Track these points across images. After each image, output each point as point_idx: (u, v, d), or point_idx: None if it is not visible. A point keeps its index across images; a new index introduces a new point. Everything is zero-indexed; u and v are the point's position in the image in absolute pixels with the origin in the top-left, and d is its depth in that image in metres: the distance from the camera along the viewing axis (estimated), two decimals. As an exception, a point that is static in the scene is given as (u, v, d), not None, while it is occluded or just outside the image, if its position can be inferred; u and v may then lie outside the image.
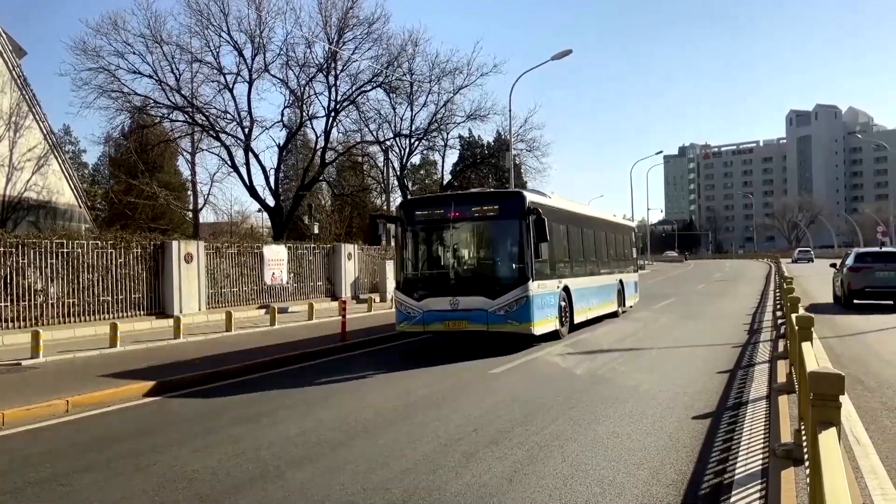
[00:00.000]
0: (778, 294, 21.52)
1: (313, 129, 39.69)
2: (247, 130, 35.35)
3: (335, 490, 5.30)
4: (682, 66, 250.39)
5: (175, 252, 19.41)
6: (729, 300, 25.92)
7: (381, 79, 37.95)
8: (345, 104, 37.85)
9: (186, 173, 44.83)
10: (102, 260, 17.78)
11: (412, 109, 40.40)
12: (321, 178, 41.45)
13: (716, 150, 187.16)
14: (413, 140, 41.70)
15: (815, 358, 5.94)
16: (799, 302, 10.60)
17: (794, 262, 63.54)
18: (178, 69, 34.00)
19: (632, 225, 26.64)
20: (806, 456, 4.45)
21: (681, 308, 22.59)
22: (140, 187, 35.68)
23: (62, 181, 26.10)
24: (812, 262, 63.65)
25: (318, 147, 39.52)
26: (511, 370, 11.07)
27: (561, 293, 14.58)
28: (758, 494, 4.80)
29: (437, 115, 40.53)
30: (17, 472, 6.10)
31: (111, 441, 7.20)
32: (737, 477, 5.24)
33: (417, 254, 14.07)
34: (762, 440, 6.15)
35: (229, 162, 35.98)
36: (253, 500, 5.19)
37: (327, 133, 38.19)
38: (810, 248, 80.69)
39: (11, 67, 23.77)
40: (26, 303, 15.97)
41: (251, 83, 35.18)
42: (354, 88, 37.56)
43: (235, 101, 35.27)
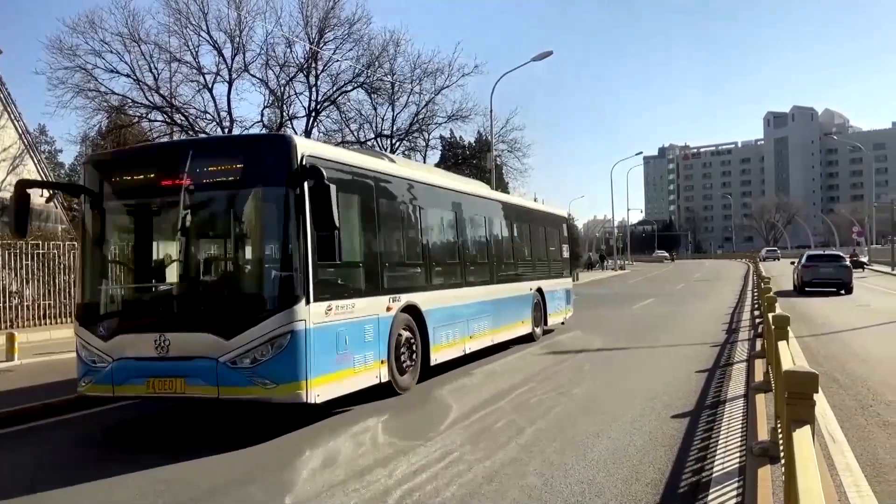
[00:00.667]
0: (756, 293, 21.90)
1: (294, 129, 39.47)
2: (226, 130, 35.07)
3: None
4: (662, 68, 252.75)
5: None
6: (708, 300, 26.23)
7: (362, 79, 37.85)
8: (325, 104, 37.72)
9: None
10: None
11: (393, 110, 40.32)
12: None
13: (695, 150, 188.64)
14: (394, 140, 41.58)
15: (792, 356, 6.02)
16: (776, 302, 10.74)
17: (763, 261, 70.85)
18: (157, 68, 33.65)
19: (560, 214, 19.13)
20: (782, 454, 4.51)
21: (656, 311, 22.67)
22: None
23: (38, 181, 25.73)
24: (778, 260, 74.05)
25: (298, 147, 39.18)
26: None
27: (398, 319, 9.03)
28: (735, 492, 4.86)
29: (419, 116, 40.50)
30: None
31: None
32: (714, 475, 5.30)
33: (106, 253, 8.24)
34: (740, 438, 6.22)
35: (209, 162, 35.61)
36: None
37: (308, 133, 37.97)
38: (777, 249, 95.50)
39: (-15, 66, 23.43)
40: (1, 305, 15.74)
41: (231, 83, 34.93)
42: (335, 88, 37.44)
43: (215, 101, 35.02)
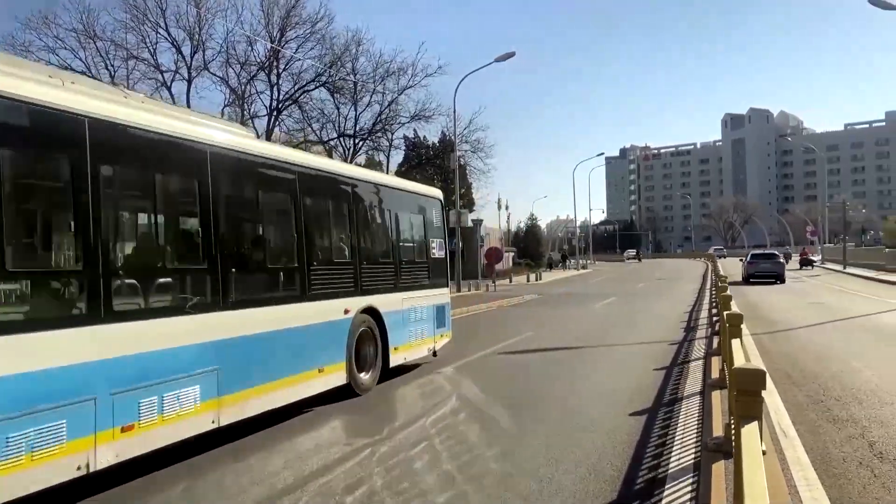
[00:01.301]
0: (714, 292, 22.26)
1: (255, 128, 38.96)
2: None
3: None
4: (624, 70, 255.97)
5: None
6: (668, 298, 26.70)
7: (324, 78, 37.60)
8: (287, 103, 37.41)
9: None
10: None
11: (356, 109, 40.11)
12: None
13: (655, 151, 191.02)
14: (357, 140, 41.38)
15: (746, 354, 6.16)
16: (731, 300, 10.97)
17: None
18: (113, 66, 33.12)
19: (428, 193, 12.50)
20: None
21: (617, 310, 22.95)
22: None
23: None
24: (724, 258, 78.22)
25: (259, 146, 38.74)
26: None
27: None
28: (689, 488, 4.95)
29: (382, 116, 40.36)
30: None
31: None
32: (670, 471, 5.39)
33: None
34: (696, 435, 6.33)
35: (167, 161, 35.04)
36: None
37: (269, 132, 37.58)
38: (723, 248, 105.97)
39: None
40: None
41: (190, 81, 34.53)
42: (297, 88, 37.16)
43: (174, 100, 34.39)
